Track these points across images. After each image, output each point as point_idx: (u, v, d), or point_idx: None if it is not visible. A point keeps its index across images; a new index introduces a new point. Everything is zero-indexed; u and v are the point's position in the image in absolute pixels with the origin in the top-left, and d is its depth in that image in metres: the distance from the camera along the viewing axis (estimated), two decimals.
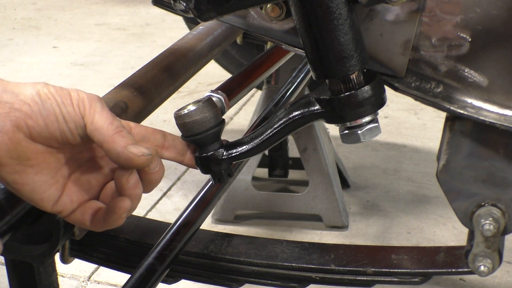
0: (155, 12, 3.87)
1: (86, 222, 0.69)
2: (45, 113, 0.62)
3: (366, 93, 0.69)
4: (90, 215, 0.69)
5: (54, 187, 0.66)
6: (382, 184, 2.12)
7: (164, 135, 0.72)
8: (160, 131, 0.72)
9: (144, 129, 0.71)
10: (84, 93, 0.65)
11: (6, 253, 0.84)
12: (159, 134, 0.72)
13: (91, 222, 0.69)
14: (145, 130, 0.71)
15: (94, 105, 0.65)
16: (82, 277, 1.70)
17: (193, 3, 0.69)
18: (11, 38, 3.98)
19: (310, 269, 1.00)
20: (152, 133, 0.71)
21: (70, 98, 0.64)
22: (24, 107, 0.61)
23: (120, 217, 0.67)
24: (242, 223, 1.93)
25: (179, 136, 0.73)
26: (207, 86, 3.00)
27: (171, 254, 0.92)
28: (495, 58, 0.72)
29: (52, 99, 0.63)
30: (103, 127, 0.64)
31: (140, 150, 0.65)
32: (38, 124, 0.62)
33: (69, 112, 0.63)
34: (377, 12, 0.73)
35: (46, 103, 0.62)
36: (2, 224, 0.69)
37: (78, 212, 0.69)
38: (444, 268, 0.94)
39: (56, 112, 0.63)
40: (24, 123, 0.61)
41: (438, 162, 0.81)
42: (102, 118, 0.64)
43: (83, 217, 0.69)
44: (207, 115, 0.71)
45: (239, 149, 0.73)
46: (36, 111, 0.62)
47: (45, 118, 0.62)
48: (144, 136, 0.71)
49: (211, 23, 1.23)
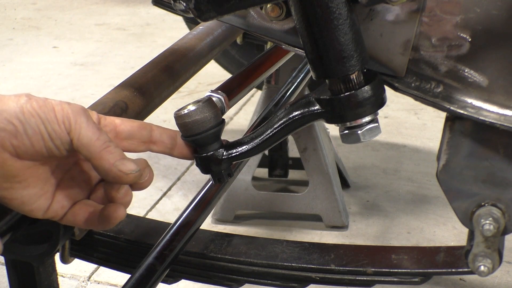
0: (155, 12, 3.87)
1: (79, 223, 0.69)
2: (30, 132, 0.61)
3: (366, 93, 0.68)
4: (82, 216, 0.69)
5: (44, 197, 0.66)
6: (382, 184, 2.12)
7: (151, 130, 0.71)
8: (147, 126, 0.71)
9: (130, 125, 0.70)
10: (68, 106, 0.64)
11: (6, 253, 0.84)
12: (146, 130, 0.71)
13: (85, 223, 0.69)
14: (131, 126, 0.70)
15: (80, 119, 0.63)
16: (82, 277, 1.70)
17: (193, 3, 0.69)
18: (11, 38, 3.98)
19: (310, 269, 1.00)
20: (138, 129, 0.71)
21: (54, 114, 0.62)
22: (8, 126, 0.60)
23: (115, 223, 0.67)
24: (242, 223, 1.93)
25: (167, 129, 0.73)
26: (207, 86, 3.00)
27: (171, 254, 0.92)
28: (495, 58, 0.72)
29: (36, 116, 0.61)
30: (90, 143, 0.63)
31: (128, 168, 0.64)
32: (23, 143, 0.61)
33: (54, 129, 0.62)
34: (377, 12, 0.73)
35: (31, 121, 0.61)
36: (2, 224, 0.69)
37: (69, 215, 0.69)
38: (444, 268, 0.94)
39: (41, 130, 0.62)
40: (9, 142, 0.61)
41: (438, 162, 0.81)
42: (88, 134, 0.63)
43: (75, 218, 0.69)
44: (207, 115, 0.71)
45: (239, 149, 0.73)
46: (21, 131, 0.61)
47: (30, 137, 0.61)
48: (131, 133, 0.70)
49: (211, 23, 1.23)
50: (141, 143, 0.71)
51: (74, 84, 3.09)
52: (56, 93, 2.96)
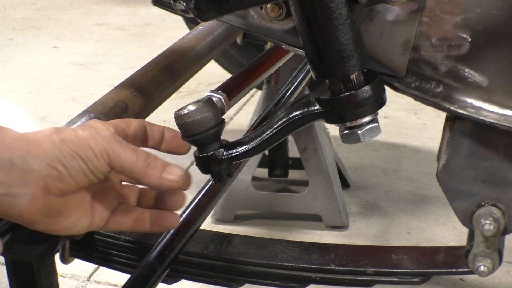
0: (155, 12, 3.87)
1: (126, 229, 0.73)
2: (74, 173, 0.63)
3: (366, 93, 0.68)
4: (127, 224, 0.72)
5: (84, 217, 0.68)
6: (382, 184, 2.12)
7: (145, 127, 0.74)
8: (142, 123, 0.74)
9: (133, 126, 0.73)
10: (100, 137, 0.65)
11: (6, 253, 0.83)
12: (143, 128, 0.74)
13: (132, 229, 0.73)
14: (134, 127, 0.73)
15: (115, 147, 0.65)
16: (82, 277, 1.70)
17: (193, 3, 0.69)
18: (11, 38, 3.98)
19: (310, 269, 1.00)
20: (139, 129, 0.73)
21: (91, 150, 0.64)
22: (53, 172, 0.62)
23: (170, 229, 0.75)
24: (242, 223, 1.93)
25: (155, 125, 0.75)
26: (207, 86, 3.00)
27: (171, 254, 0.92)
28: (495, 58, 0.72)
29: (76, 157, 0.63)
30: (132, 167, 0.66)
31: (176, 175, 0.68)
32: (68, 184, 0.63)
33: (95, 165, 0.64)
34: (377, 12, 0.73)
35: (73, 164, 0.63)
36: (2, 224, 0.69)
37: (112, 224, 0.72)
38: (444, 268, 0.94)
39: (84, 169, 0.63)
40: (55, 186, 0.62)
41: (438, 162, 0.81)
42: (128, 159, 0.65)
43: (119, 226, 0.72)
44: (207, 115, 0.71)
45: (239, 149, 0.73)
46: (65, 174, 0.62)
47: (74, 177, 0.63)
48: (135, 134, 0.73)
49: (211, 23, 1.23)
50: (140, 142, 0.74)
51: (74, 84, 3.09)
52: (56, 93, 2.96)
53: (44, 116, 2.70)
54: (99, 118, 0.84)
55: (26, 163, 0.60)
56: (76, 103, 2.80)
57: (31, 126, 2.63)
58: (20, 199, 0.61)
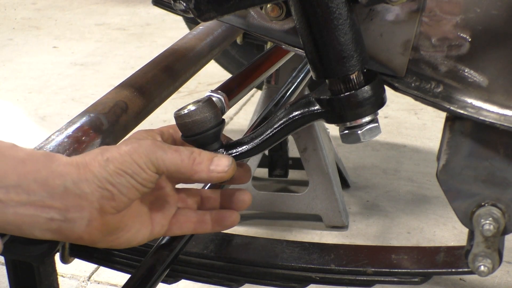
0: (155, 12, 3.88)
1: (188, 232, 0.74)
2: (125, 190, 0.64)
3: (366, 93, 0.68)
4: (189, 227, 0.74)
5: (144, 228, 0.70)
6: (382, 184, 2.12)
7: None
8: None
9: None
10: (141, 148, 0.66)
11: (6, 253, 0.84)
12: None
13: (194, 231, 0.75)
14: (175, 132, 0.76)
15: (158, 154, 0.66)
16: (82, 277, 1.70)
17: (193, 3, 0.69)
18: (11, 38, 3.98)
19: (310, 269, 1.00)
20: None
21: (136, 164, 0.64)
22: (104, 193, 0.63)
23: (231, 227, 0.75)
24: (242, 223, 1.93)
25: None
26: (207, 86, 3.00)
27: (171, 254, 0.92)
28: (495, 58, 0.72)
29: (124, 174, 0.64)
30: (178, 168, 0.67)
31: (222, 166, 0.68)
32: (121, 201, 0.64)
33: (144, 178, 0.65)
34: (377, 12, 0.73)
35: (122, 181, 0.64)
36: None
37: (175, 229, 0.73)
38: (444, 268, 0.94)
39: (133, 184, 0.64)
40: (108, 206, 0.64)
41: (438, 162, 0.81)
42: (172, 161, 0.66)
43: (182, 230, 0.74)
44: (207, 115, 0.71)
45: (239, 149, 0.73)
46: (116, 193, 0.63)
47: (126, 194, 0.64)
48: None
49: (211, 23, 1.23)
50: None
51: (74, 84, 3.09)
52: (56, 93, 2.96)
53: (44, 116, 2.70)
54: (99, 118, 0.84)
55: (79, 187, 0.62)
56: (76, 103, 2.80)
57: (31, 126, 2.64)
58: (78, 223, 0.62)
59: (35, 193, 0.60)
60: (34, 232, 0.62)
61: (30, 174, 0.60)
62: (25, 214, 0.60)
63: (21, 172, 0.60)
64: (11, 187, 0.59)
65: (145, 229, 0.70)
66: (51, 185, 0.61)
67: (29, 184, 0.60)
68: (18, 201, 0.60)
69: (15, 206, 0.60)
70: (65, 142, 0.78)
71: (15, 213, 0.60)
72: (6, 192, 0.59)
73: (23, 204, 0.60)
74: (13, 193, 0.59)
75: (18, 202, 0.60)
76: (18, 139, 2.57)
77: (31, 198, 0.60)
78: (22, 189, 0.60)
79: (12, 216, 0.60)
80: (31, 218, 0.61)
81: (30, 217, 0.60)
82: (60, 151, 0.76)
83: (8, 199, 0.59)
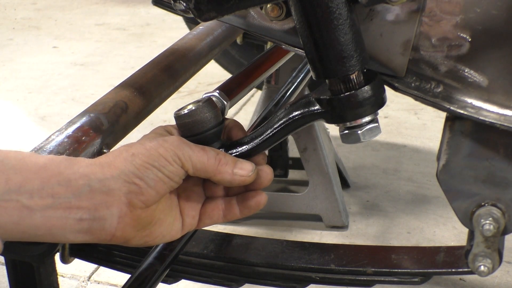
0: (155, 12, 3.87)
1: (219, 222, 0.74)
2: (152, 184, 0.64)
3: (366, 93, 0.69)
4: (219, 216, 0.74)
5: (176, 221, 0.70)
6: (382, 184, 2.12)
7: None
8: None
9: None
10: (167, 144, 0.66)
11: (6, 253, 0.84)
12: None
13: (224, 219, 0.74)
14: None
15: (184, 150, 0.66)
16: (82, 277, 1.70)
17: (193, 3, 0.69)
18: (11, 38, 3.98)
19: (310, 269, 1.00)
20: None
21: (163, 157, 0.65)
22: (132, 187, 0.63)
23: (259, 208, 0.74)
24: (242, 223, 1.93)
25: None
26: (207, 86, 3.00)
27: (171, 254, 0.92)
28: (495, 58, 0.72)
29: (151, 168, 0.64)
30: (204, 166, 0.67)
31: (247, 170, 0.69)
32: (150, 195, 0.64)
33: (171, 171, 0.65)
34: (377, 12, 0.73)
35: (149, 174, 0.64)
36: None
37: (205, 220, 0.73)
38: (444, 268, 0.94)
39: (160, 177, 0.65)
40: (137, 200, 0.64)
41: (438, 162, 0.81)
42: (199, 159, 0.67)
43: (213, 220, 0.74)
44: (207, 115, 0.71)
45: (239, 149, 0.73)
46: (144, 186, 0.64)
47: (154, 187, 0.64)
48: None
49: (211, 23, 1.23)
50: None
51: (74, 84, 3.09)
52: (56, 93, 2.96)
53: (44, 116, 2.70)
54: (99, 118, 0.84)
55: (105, 184, 0.62)
56: (76, 103, 2.80)
57: (31, 126, 2.64)
58: (108, 220, 0.62)
59: (60, 196, 0.60)
60: (66, 235, 0.61)
61: (52, 177, 0.60)
62: (53, 217, 0.60)
63: (43, 176, 0.59)
64: (35, 191, 0.59)
65: (178, 222, 0.70)
66: (75, 186, 0.60)
67: (53, 187, 0.60)
68: (44, 205, 0.59)
69: (41, 210, 0.59)
70: (65, 142, 0.78)
71: (43, 216, 0.59)
72: (30, 197, 0.58)
73: (49, 207, 0.59)
74: (37, 198, 0.59)
75: (44, 206, 0.59)
76: (18, 139, 2.57)
77: (57, 201, 0.60)
78: (47, 193, 0.59)
79: (40, 219, 0.59)
80: (60, 221, 0.60)
81: (58, 220, 0.60)
82: (60, 151, 0.76)
83: (33, 204, 0.59)
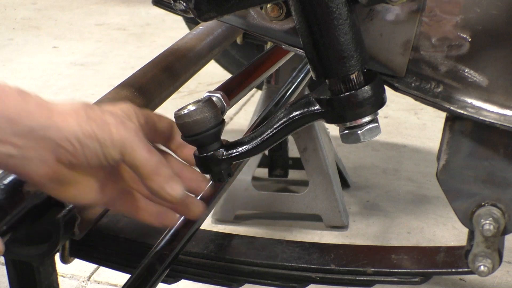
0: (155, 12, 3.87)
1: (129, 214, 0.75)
2: (87, 153, 0.64)
3: (366, 93, 0.68)
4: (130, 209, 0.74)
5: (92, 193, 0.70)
6: (382, 184, 2.12)
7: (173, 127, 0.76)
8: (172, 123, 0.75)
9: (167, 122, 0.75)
10: (123, 127, 0.66)
11: (6, 253, 0.84)
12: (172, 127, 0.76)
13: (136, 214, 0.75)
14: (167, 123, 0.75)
15: (133, 141, 0.66)
16: (82, 277, 1.70)
17: (193, 3, 0.69)
18: (11, 38, 3.98)
19: (310, 269, 1.00)
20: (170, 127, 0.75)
21: (111, 137, 0.65)
22: (67, 145, 0.63)
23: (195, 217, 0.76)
24: (242, 223, 1.93)
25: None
26: (207, 86, 3.00)
27: (171, 254, 0.92)
28: (495, 58, 0.72)
29: (94, 138, 0.64)
30: (141, 165, 0.67)
31: (175, 192, 0.68)
32: (79, 161, 0.64)
33: (110, 152, 0.65)
34: (377, 12, 0.73)
35: (88, 143, 0.64)
36: (2, 224, 0.69)
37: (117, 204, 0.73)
38: (444, 268, 0.94)
39: (97, 152, 0.64)
40: (66, 158, 0.64)
41: (438, 162, 0.81)
42: (140, 156, 0.66)
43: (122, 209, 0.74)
44: (207, 115, 0.71)
45: (239, 149, 0.73)
46: (79, 151, 0.64)
47: (86, 157, 0.64)
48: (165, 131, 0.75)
49: (211, 23, 1.23)
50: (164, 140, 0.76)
51: (74, 84, 3.09)
52: (56, 93, 2.96)
53: None
54: None
55: (45, 132, 0.62)
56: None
57: None
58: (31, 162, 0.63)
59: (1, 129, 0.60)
60: None
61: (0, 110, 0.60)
62: None
63: None
64: None
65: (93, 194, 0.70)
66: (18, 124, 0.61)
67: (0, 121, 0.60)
68: None
69: None
70: None
71: None
72: None
73: None
74: None
75: None
76: None
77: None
78: None
79: None
80: None
81: None
82: None
83: None
